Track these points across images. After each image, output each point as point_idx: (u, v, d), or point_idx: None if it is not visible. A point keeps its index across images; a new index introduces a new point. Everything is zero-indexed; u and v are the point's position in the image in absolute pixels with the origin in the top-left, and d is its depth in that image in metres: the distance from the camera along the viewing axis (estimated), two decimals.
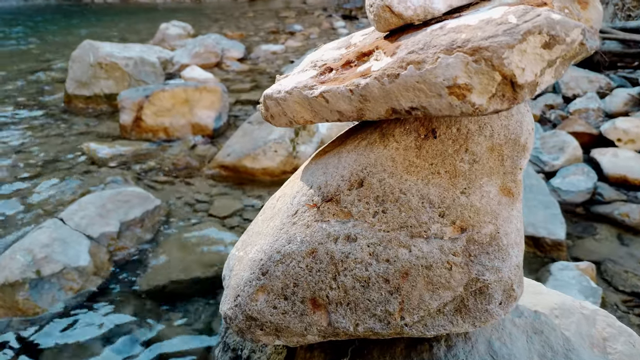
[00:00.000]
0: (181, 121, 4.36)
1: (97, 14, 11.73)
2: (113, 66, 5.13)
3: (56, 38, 8.54)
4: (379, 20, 0.69)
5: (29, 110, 4.75)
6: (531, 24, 0.53)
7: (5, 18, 10.86)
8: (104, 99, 5.20)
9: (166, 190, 3.34)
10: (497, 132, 0.72)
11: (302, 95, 0.71)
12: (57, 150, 3.86)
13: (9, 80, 5.82)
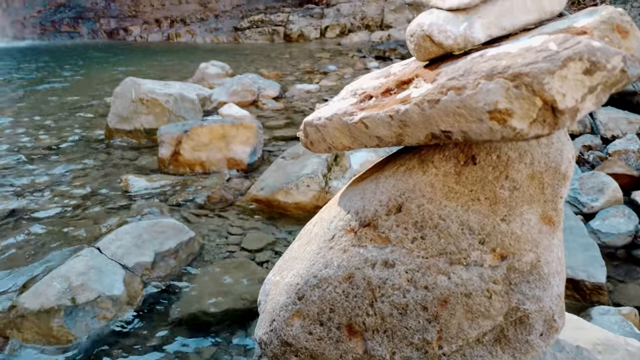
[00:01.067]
0: (217, 155, 4.46)
1: (140, 52, 12.28)
2: (154, 102, 5.31)
3: (101, 75, 8.93)
4: (419, 50, 0.71)
5: (72, 143, 4.94)
6: (572, 51, 0.54)
7: (55, 55, 11.47)
8: (143, 133, 5.36)
9: (200, 222, 3.39)
10: (538, 160, 0.72)
11: (341, 121, 0.73)
12: (97, 182, 3.98)
13: (54, 114, 6.09)
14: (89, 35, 15.66)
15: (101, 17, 15.90)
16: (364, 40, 13.19)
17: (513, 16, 0.68)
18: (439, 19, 0.70)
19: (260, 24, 14.26)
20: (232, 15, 15.54)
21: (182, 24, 15.58)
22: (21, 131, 5.31)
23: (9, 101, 6.57)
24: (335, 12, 13.87)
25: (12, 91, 7.28)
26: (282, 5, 15.36)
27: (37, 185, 3.82)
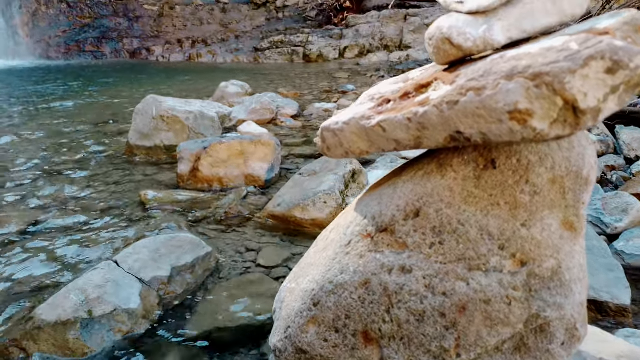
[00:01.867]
0: (235, 172, 4.49)
1: (162, 72, 12.52)
2: (174, 119, 5.39)
3: (123, 93, 9.12)
4: (438, 53, 0.71)
5: (93, 159, 5.02)
6: (593, 50, 0.53)
7: (79, 74, 11.75)
8: (163, 150, 5.44)
9: (217, 238, 3.40)
10: (559, 164, 0.71)
11: (359, 125, 0.73)
12: (117, 197, 4.03)
13: (76, 131, 6.21)
14: (112, 54, 16.04)
15: (124, 37, 16.30)
16: (383, 60, 13.27)
17: (534, 19, 0.68)
18: (459, 21, 0.70)
19: (280, 45, 14.47)
20: (253, 36, 15.80)
21: (204, 45, 15.89)
22: (43, 146, 5.42)
23: (32, 117, 6.73)
24: (354, 32, 14.01)
25: (35, 108, 7.45)
26: (302, 26, 15.58)
27: (57, 200, 3.88)
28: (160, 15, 16.62)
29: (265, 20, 16.44)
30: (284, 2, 16.59)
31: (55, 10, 15.33)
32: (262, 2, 16.64)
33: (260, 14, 16.59)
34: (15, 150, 5.30)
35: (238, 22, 16.42)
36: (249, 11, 16.61)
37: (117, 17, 16.28)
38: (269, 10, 16.60)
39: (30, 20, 14.91)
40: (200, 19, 16.58)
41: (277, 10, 16.56)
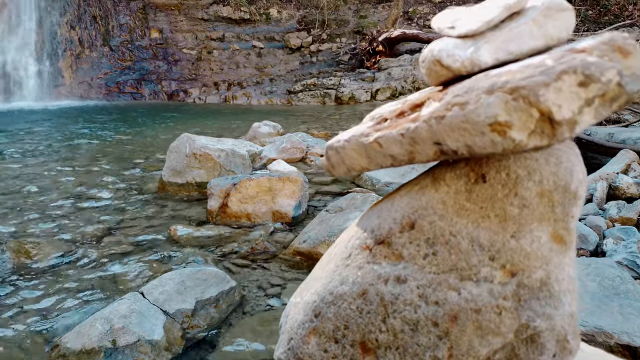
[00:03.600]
0: (263, 208, 4.58)
1: (198, 112, 12.97)
2: (206, 157, 5.57)
3: (159, 132, 9.46)
4: (430, 74, 0.77)
5: (127, 195, 5.20)
6: (566, 65, 0.58)
7: (118, 114, 12.29)
8: (195, 186, 5.60)
9: (242, 273, 3.45)
10: (547, 178, 0.74)
11: (358, 142, 0.78)
12: (147, 231, 4.16)
13: (113, 168, 6.46)
14: (151, 96, 16.74)
15: (163, 80, 17.02)
16: None
17: (520, 41, 0.73)
18: (448, 45, 0.76)
19: (313, 87, 14.82)
20: (286, 79, 16.27)
21: (239, 87, 16.43)
22: (78, 181, 5.65)
23: (70, 153, 7.05)
24: (387, 75, 14.27)
25: (74, 144, 7.81)
26: (335, 70, 15.97)
27: (89, 233, 4.03)
28: (198, 59, 17.32)
29: (299, 64, 16.92)
30: (317, 47, 17.08)
31: (97, 54, 16.19)
32: (297, 46, 17.17)
33: (294, 58, 17.10)
34: (53, 184, 5.54)
35: (273, 66, 16.95)
36: (283, 55, 17.15)
37: (157, 60, 17.04)
38: (303, 54, 17.11)
39: (74, 63, 15.77)
40: (236, 62, 17.20)
41: (311, 54, 17.04)
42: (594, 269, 2.79)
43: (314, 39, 17.64)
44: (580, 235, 3.31)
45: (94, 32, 16.32)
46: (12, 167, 6.15)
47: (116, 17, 17.05)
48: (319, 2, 18.08)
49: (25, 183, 5.43)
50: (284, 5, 18.37)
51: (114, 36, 16.93)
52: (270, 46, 17.62)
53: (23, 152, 6.95)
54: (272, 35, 17.83)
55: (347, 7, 18.41)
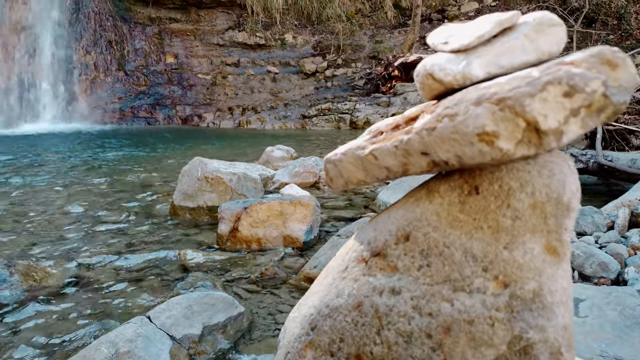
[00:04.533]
0: (274, 233, 4.60)
1: (213, 137, 13.15)
2: (218, 180, 5.64)
3: (172, 156, 9.60)
4: (424, 88, 0.80)
5: (138, 218, 5.27)
6: (552, 76, 0.60)
7: (132, 138, 12.51)
8: (206, 210, 5.65)
9: (251, 299, 3.46)
10: (539, 190, 0.76)
11: (355, 155, 0.81)
12: (157, 255, 4.20)
13: (125, 192, 6.55)
14: (165, 120, 17.04)
15: (177, 104, 17.35)
16: None
17: (512, 56, 0.76)
18: (441, 59, 0.80)
19: (327, 112, 14.98)
20: (301, 104, 16.47)
21: (253, 112, 16.66)
22: (89, 204, 5.74)
23: (82, 176, 7.18)
24: (402, 100, 14.37)
25: (86, 167, 7.95)
26: (350, 94, 16.14)
27: (98, 256, 4.09)
28: (213, 83, 17.65)
29: (314, 89, 17.14)
30: (333, 72, 17.31)
31: (112, 78, 16.58)
32: (312, 71, 17.42)
33: (309, 83, 17.33)
34: (64, 207, 5.64)
35: (287, 91, 17.20)
36: (298, 80, 17.41)
37: (172, 85, 17.40)
38: (318, 79, 17.34)
39: (89, 87, 16.16)
40: (251, 87, 17.49)
41: (326, 79, 17.27)
42: (614, 298, 2.76)
43: (329, 64, 17.89)
44: (601, 263, 3.28)
45: (109, 57, 16.77)
46: (25, 189, 6.28)
47: (132, 42, 17.52)
48: (335, 27, 18.39)
49: (37, 206, 5.55)
50: (300, 30, 18.72)
51: (129, 61, 17.36)
52: (285, 71, 17.92)
53: (36, 175, 7.11)
54: (287, 60, 18.14)
55: (362, 32, 18.70)
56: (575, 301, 2.60)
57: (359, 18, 18.70)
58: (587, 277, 3.23)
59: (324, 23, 18.60)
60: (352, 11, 18.98)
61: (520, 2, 17.64)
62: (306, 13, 18.73)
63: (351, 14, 18.88)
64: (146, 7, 18.04)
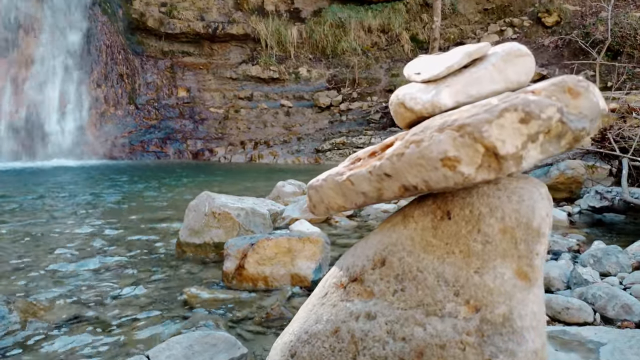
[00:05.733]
0: (281, 271, 4.61)
1: (223, 172, 13.33)
2: (225, 216, 5.70)
3: (181, 192, 9.75)
4: (396, 116, 0.86)
5: (143, 254, 5.34)
6: (508, 103, 0.66)
7: (142, 173, 12.73)
8: (212, 247, 5.69)
9: (255, 340, 3.46)
10: (509, 215, 0.80)
11: (334, 180, 0.87)
12: (160, 293, 4.24)
13: (131, 228, 6.64)
14: (175, 155, 17.32)
15: (188, 139, 17.66)
16: None
17: (480, 85, 0.81)
18: (413, 88, 0.85)
19: (342, 146, 15.13)
20: (315, 138, 16.66)
21: (266, 146, 16.88)
22: (93, 239, 5.83)
23: (87, 212, 7.31)
24: None
25: (93, 203, 8.10)
26: (365, 128, 16.30)
27: (100, 293, 4.14)
28: (226, 117, 17.97)
29: (328, 123, 17.35)
30: (347, 106, 17.55)
31: (123, 112, 16.98)
32: (326, 105, 17.68)
33: (323, 117, 17.56)
34: (68, 242, 5.74)
35: (301, 125, 17.43)
36: (312, 114, 17.65)
37: (183, 119, 17.75)
38: (333, 113, 17.57)
39: (98, 121, 16.56)
40: (264, 121, 17.76)
41: (341, 113, 17.49)
42: (637, 342, 2.72)
43: (344, 97, 18.15)
44: (625, 305, 3.25)
45: (120, 90, 17.22)
46: (29, 223, 6.41)
47: (143, 76, 18.01)
48: (350, 61, 18.73)
49: (41, 240, 5.65)
50: (314, 64, 19.09)
51: (141, 94, 17.81)
52: (299, 105, 18.21)
53: (42, 209, 7.26)
54: (301, 94, 18.46)
55: (378, 65, 19.00)
56: (596, 345, 2.58)
57: (375, 51, 19.05)
58: (610, 319, 3.19)
59: (339, 56, 18.97)
60: (367, 44, 19.35)
61: (542, 34, 17.85)
62: (321, 47, 19.14)
63: (367, 47, 19.24)
64: (159, 40, 18.61)
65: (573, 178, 6.28)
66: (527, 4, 18.82)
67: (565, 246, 3.79)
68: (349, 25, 19.13)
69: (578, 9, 17.74)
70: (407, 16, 19.43)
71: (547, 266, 3.08)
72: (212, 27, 18.59)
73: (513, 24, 18.64)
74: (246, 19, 18.87)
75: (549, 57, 16.71)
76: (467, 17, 19.44)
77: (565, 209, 5.70)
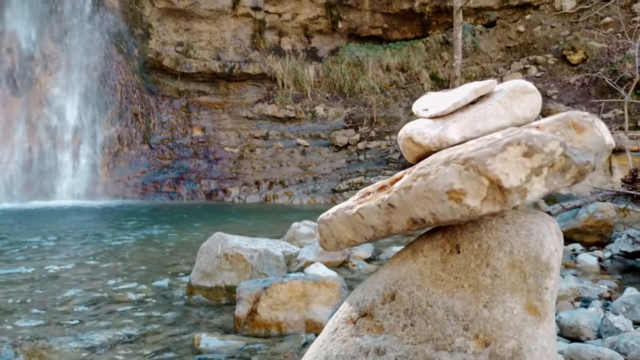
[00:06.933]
0: (295, 316, 4.59)
1: (237, 212, 13.42)
2: (238, 257, 5.72)
3: (194, 233, 9.81)
4: (405, 150, 0.90)
5: (152, 298, 5.36)
6: (512, 138, 0.70)
7: (155, 214, 12.86)
8: (224, 290, 5.69)
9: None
10: (517, 249, 0.83)
11: (344, 214, 0.91)
12: (170, 339, 4.24)
13: (142, 270, 6.69)
14: (188, 195, 17.50)
15: (202, 179, 17.87)
16: None
17: (486, 121, 0.86)
18: (421, 124, 0.90)
19: (359, 186, 15.17)
20: (331, 177, 16.76)
21: (281, 186, 17.00)
22: (103, 282, 5.89)
23: (98, 253, 7.39)
24: None
25: (104, 245, 8.19)
26: (384, 168, 16.35)
27: (108, 338, 4.15)
28: (240, 157, 18.20)
29: (345, 162, 17.47)
30: (365, 145, 17.69)
31: (136, 151, 17.30)
32: (343, 144, 17.85)
33: (340, 156, 17.70)
34: (78, 284, 5.80)
35: (317, 164, 17.56)
36: (329, 153, 17.81)
37: (197, 159, 18.02)
38: (350, 152, 17.71)
39: (111, 161, 16.87)
40: (279, 160, 17.94)
41: (358, 152, 17.62)
42: None
43: (361, 136, 18.31)
44: None
45: (135, 130, 17.60)
46: (40, 264, 6.51)
47: (158, 115, 18.40)
48: (368, 99, 18.98)
49: (51, 281, 5.72)
50: (331, 103, 19.37)
51: (155, 134, 18.16)
52: (316, 144, 18.40)
53: (53, 250, 7.36)
54: (317, 133, 18.68)
55: (397, 104, 19.21)
56: None
57: (394, 90, 19.30)
58: None
59: (357, 95, 19.24)
60: (386, 83, 19.63)
61: (568, 72, 17.97)
62: (338, 85, 19.46)
63: (385, 85, 19.51)
64: (174, 80, 19.08)
65: (603, 221, 6.22)
66: (551, 42, 19.01)
67: (595, 293, 3.74)
68: (366, 64, 19.47)
69: (604, 46, 17.87)
70: (427, 54, 19.73)
71: (577, 314, 3.04)
72: (228, 67, 19.04)
73: (537, 61, 18.80)
74: (263, 58, 19.31)
75: (576, 95, 16.76)
76: (489, 55, 19.67)
77: (595, 253, 5.63)
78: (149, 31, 18.79)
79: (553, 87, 17.12)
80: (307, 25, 19.93)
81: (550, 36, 19.07)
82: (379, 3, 19.81)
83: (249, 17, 19.17)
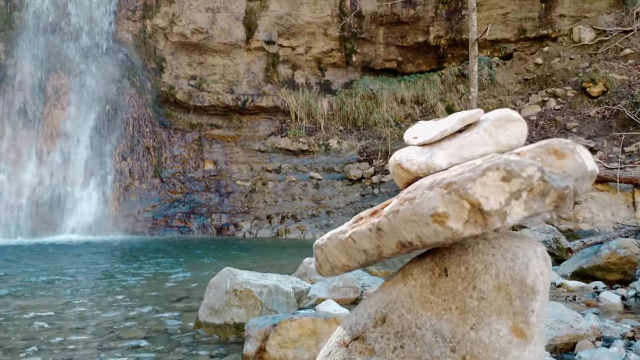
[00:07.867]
0: (305, 355, 4.57)
1: (248, 247, 13.46)
2: (247, 293, 5.73)
3: (204, 268, 9.85)
4: (394, 176, 0.95)
5: (159, 335, 5.37)
6: (491, 163, 0.75)
7: (165, 249, 12.94)
8: (232, 328, 5.69)
9: None
10: (503, 272, 0.87)
11: (337, 239, 0.96)
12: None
13: (149, 308, 6.72)
14: (199, 230, 17.59)
15: (213, 213, 17.98)
16: None
17: (472, 148, 0.91)
18: (410, 151, 0.96)
19: None
20: (345, 212, 16.77)
21: (293, 220, 17.04)
22: (110, 319, 5.92)
23: (105, 289, 7.45)
24: None
25: (111, 281, 8.25)
26: None
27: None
28: (252, 190, 18.32)
29: (359, 196, 17.51)
30: (380, 178, 17.74)
31: (147, 185, 17.50)
32: (357, 177, 17.92)
33: (354, 190, 17.76)
34: (82, 321, 5.84)
35: (331, 198, 17.62)
36: (342, 187, 17.88)
37: (209, 193, 18.17)
38: (364, 186, 17.77)
39: (122, 195, 17.06)
40: (292, 194, 18.03)
41: (373, 185, 17.67)
42: None
43: (376, 169, 18.38)
44: None
45: (146, 164, 17.85)
46: (46, 301, 6.57)
47: (170, 149, 18.67)
48: (382, 132, 19.12)
49: (57, 317, 5.77)
50: (345, 135, 19.53)
51: (167, 167, 18.39)
52: (329, 177, 18.50)
53: (60, 286, 7.44)
54: (331, 166, 18.79)
55: None
56: None
57: (409, 123, 19.43)
58: None
59: (371, 128, 19.39)
60: (400, 116, 19.79)
61: (587, 105, 17.99)
62: (352, 118, 19.65)
63: (400, 118, 19.67)
64: (187, 113, 19.40)
65: (626, 258, 6.16)
66: (570, 74, 19.09)
67: (618, 332, 3.72)
68: (381, 97, 19.68)
69: (625, 78, 17.91)
70: (442, 87, 19.91)
71: (597, 353, 3.03)
72: (241, 100, 19.34)
73: (556, 94, 18.87)
74: (276, 91, 19.61)
75: (596, 128, 16.74)
76: (507, 88, 19.80)
77: (618, 291, 5.57)
78: (163, 65, 19.19)
79: (573, 120, 17.11)
80: (321, 59, 20.25)
81: (569, 68, 19.15)
82: (393, 36, 20.13)
83: (262, 50, 19.54)
